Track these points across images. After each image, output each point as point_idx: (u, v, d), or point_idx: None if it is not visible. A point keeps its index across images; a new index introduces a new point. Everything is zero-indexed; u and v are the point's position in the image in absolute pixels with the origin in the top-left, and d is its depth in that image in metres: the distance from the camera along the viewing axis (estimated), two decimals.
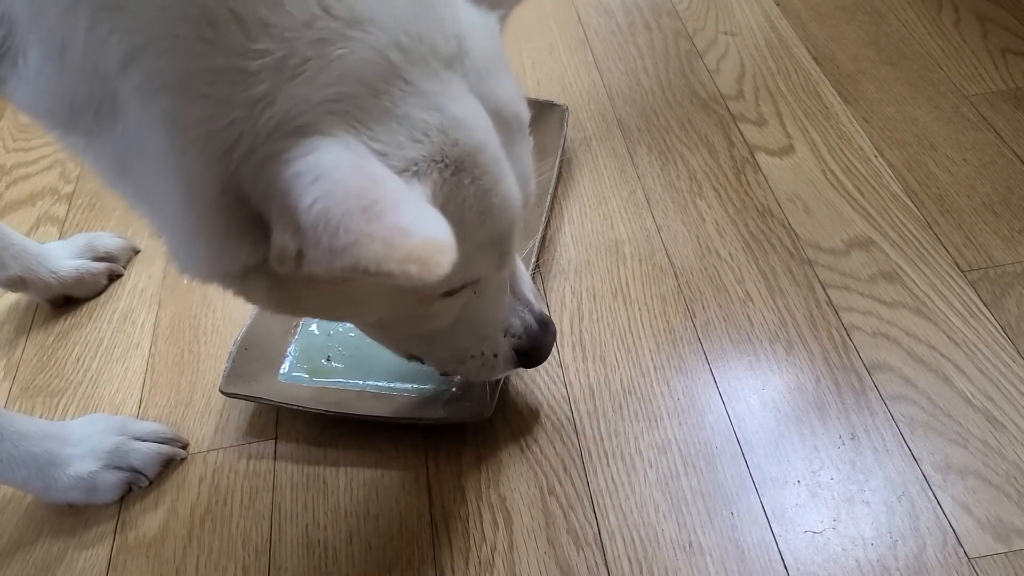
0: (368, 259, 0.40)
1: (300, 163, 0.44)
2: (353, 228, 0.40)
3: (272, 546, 0.76)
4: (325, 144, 0.45)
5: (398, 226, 0.41)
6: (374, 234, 0.40)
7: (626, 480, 0.77)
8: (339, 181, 0.43)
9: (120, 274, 1.02)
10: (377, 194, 0.42)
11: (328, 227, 0.41)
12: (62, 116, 0.49)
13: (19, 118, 1.29)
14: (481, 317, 0.69)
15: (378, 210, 0.41)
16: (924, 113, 1.09)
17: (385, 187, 0.44)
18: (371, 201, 0.42)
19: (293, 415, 0.85)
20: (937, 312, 0.86)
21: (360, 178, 0.43)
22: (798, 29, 1.25)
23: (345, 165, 0.44)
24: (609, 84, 1.20)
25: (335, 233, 0.41)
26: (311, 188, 0.42)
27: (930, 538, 0.70)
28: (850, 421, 0.79)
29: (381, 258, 0.40)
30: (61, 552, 0.77)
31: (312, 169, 0.43)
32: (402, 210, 0.42)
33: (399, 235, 0.40)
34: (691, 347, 0.87)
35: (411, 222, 0.41)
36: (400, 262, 0.40)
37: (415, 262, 0.40)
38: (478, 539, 0.74)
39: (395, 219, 0.41)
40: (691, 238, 0.97)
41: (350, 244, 0.40)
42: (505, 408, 0.83)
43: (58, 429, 0.80)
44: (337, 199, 0.42)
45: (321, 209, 0.41)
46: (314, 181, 0.43)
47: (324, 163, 0.44)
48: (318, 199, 0.42)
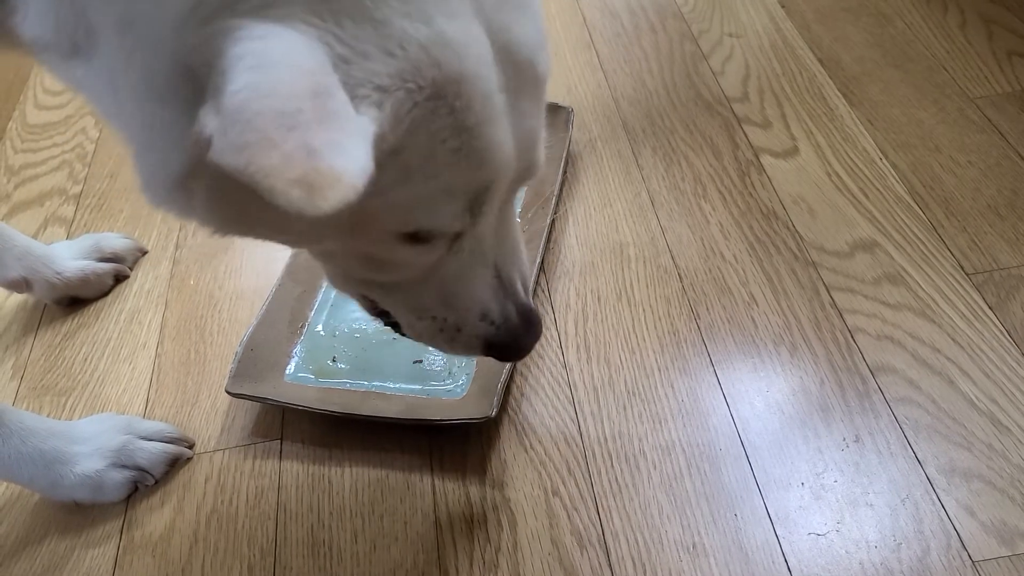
0: (258, 167, 0.36)
1: (247, 45, 0.40)
2: (260, 128, 0.37)
3: (277, 546, 0.76)
4: (282, 33, 0.41)
5: (307, 144, 0.37)
6: (277, 143, 0.37)
7: (630, 481, 0.77)
8: (274, 77, 0.39)
9: (127, 275, 1.03)
10: (305, 104, 0.38)
11: (239, 119, 0.37)
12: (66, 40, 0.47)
13: (27, 119, 1.30)
14: (453, 284, 0.60)
15: (297, 121, 0.37)
16: (929, 115, 1.09)
17: (319, 100, 0.39)
18: (295, 109, 0.38)
19: (299, 415, 0.85)
20: (942, 315, 0.86)
21: (297, 81, 0.39)
22: (803, 31, 1.25)
23: (289, 62, 0.40)
24: (614, 86, 1.21)
25: (243, 128, 0.37)
26: (244, 74, 0.38)
27: (934, 541, 0.70)
28: (854, 423, 0.79)
29: (272, 171, 0.36)
30: (68, 551, 0.78)
31: (255, 55, 0.39)
32: (324, 130, 0.38)
33: (302, 154, 0.37)
34: (695, 349, 0.87)
35: (324, 145, 0.38)
36: (288, 182, 0.36)
37: (302, 186, 0.36)
38: (482, 540, 0.74)
39: (307, 137, 0.37)
40: (695, 240, 0.98)
41: (250, 144, 0.37)
42: (509, 409, 0.84)
43: (65, 427, 0.81)
44: (261, 93, 0.38)
45: (243, 99, 0.38)
46: (251, 68, 0.39)
47: (270, 53, 0.40)
48: (244, 87, 0.38)
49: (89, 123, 1.27)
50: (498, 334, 0.62)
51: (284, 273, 0.94)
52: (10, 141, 1.26)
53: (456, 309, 0.61)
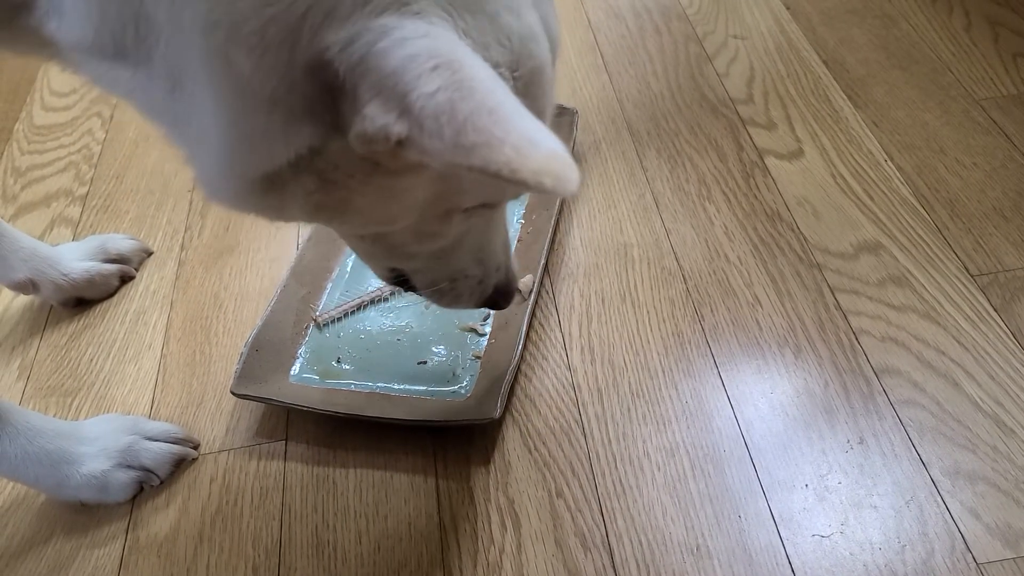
0: (500, 163, 0.39)
1: (414, 44, 0.41)
2: (483, 128, 0.39)
3: (282, 546, 0.77)
4: (437, 31, 0.43)
5: (525, 135, 0.40)
6: (504, 140, 0.39)
7: (634, 483, 0.77)
8: (463, 75, 0.41)
9: (132, 275, 1.03)
10: (499, 98, 0.41)
11: (453, 121, 0.39)
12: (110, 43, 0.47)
13: (34, 120, 1.30)
14: (486, 241, 0.68)
15: (504, 114, 0.40)
16: (934, 117, 1.08)
17: (501, 91, 0.42)
18: (496, 103, 0.40)
19: (303, 416, 0.85)
20: (946, 317, 0.86)
21: (479, 74, 0.41)
22: (808, 33, 1.25)
23: (465, 59, 0.42)
24: (619, 88, 1.21)
25: (461, 129, 0.39)
26: (432, 76, 0.40)
27: (938, 543, 0.70)
28: (858, 425, 0.79)
29: (514, 165, 0.39)
30: (73, 551, 0.78)
31: (430, 54, 0.41)
32: (523, 118, 0.41)
33: (529, 145, 0.39)
34: (699, 350, 0.87)
35: (535, 132, 0.40)
36: (534, 172, 0.39)
37: (549, 175, 0.39)
38: (486, 541, 0.75)
39: (521, 126, 0.40)
40: (700, 242, 0.98)
41: (479, 144, 0.39)
42: (513, 410, 0.84)
43: (71, 428, 0.81)
44: (464, 93, 0.40)
45: (446, 100, 0.40)
46: (435, 68, 0.40)
47: (442, 50, 0.41)
48: (442, 88, 0.40)
49: (95, 124, 1.28)
50: (500, 282, 0.71)
51: (289, 274, 0.94)
52: (17, 143, 1.27)
53: (485, 264, 0.69)
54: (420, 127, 0.40)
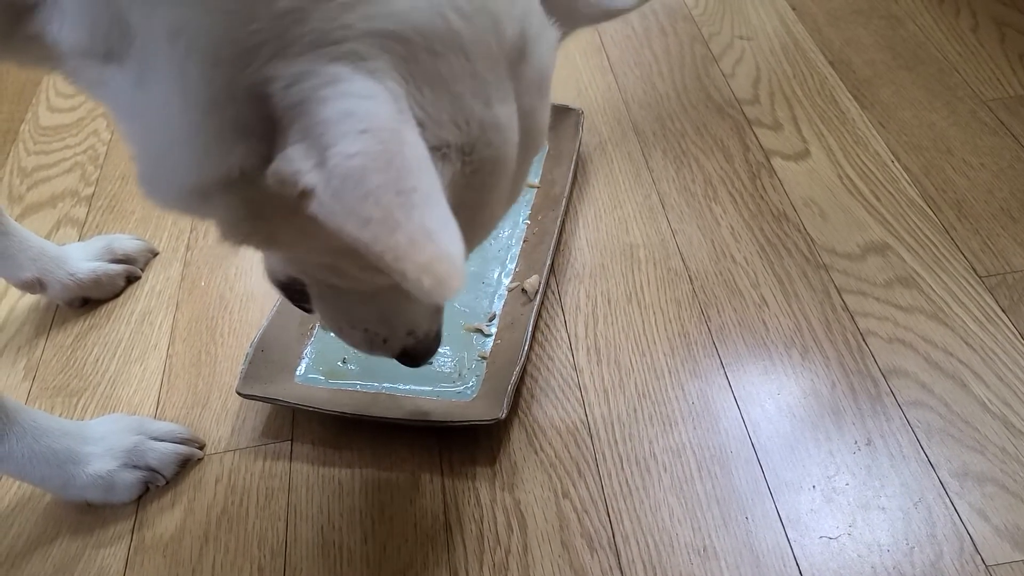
0: (388, 247, 0.39)
1: (354, 102, 0.41)
2: (385, 206, 0.39)
3: (288, 547, 0.76)
4: (383, 97, 0.42)
5: (425, 227, 0.39)
6: (401, 224, 0.39)
7: (640, 484, 0.77)
8: (387, 147, 0.40)
9: (138, 276, 1.03)
10: (416, 181, 0.41)
11: (359, 188, 0.39)
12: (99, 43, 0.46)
13: (40, 121, 1.31)
14: (397, 306, 0.65)
15: (413, 200, 0.40)
16: (941, 118, 1.08)
17: (425, 176, 0.42)
18: (410, 187, 0.40)
19: (309, 417, 0.85)
20: (954, 318, 0.86)
21: (408, 156, 0.41)
22: (814, 33, 1.24)
23: (401, 135, 0.42)
24: (624, 88, 1.21)
25: (363, 199, 0.39)
26: (358, 138, 0.40)
27: (947, 545, 0.70)
28: (866, 426, 0.78)
29: (400, 254, 0.39)
30: (79, 551, 0.78)
31: (364, 117, 0.41)
32: (432, 209, 0.40)
33: (423, 237, 0.39)
34: (706, 351, 0.87)
35: (437, 227, 0.40)
36: (417, 267, 0.39)
37: (430, 274, 0.39)
38: (492, 542, 0.74)
39: (424, 218, 0.40)
40: (706, 242, 0.97)
41: (375, 220, 0.39)
42: (519, 411, 0.83)
43: (78, 428, 0.81)
44: (380, 165, 0.40)
45: (359, 166, 0.39)
46: (363, 132, 0.40)
47: (378, 118, 0.41)
48: (361, 153, 0.40)
49: (101, 125, 1.28)
50: (416, 348, 0.69)
51: None
52: (23, 143, 1.27)
53: (391, 326, 0.66)
54: (327, 184, 0.40)
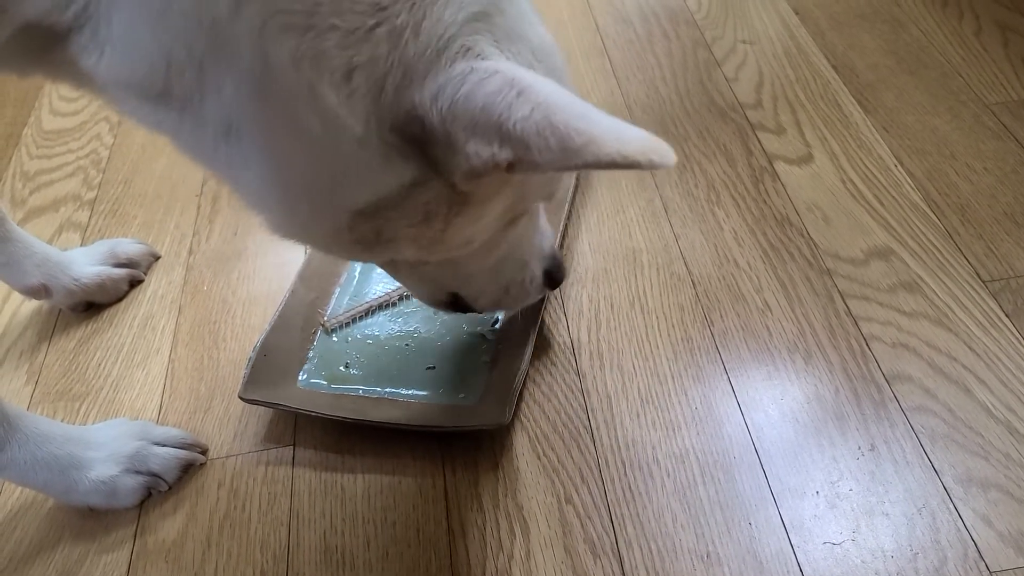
0: (610, 154, 0.43)
1: (491, 81, 0.46)
2: (583, 131, 0.44)
3: (290, 552, 0.76)
4: (503, 64, 0.48)
5: (613, 126, 0.44)
6: (604, 134, 0.44)
7: (643, 489, 0.77)
8: (544, 92, 0.45)
9: (141, 280, 1.03)
10: (579, 102, 0.45)
11: (556, 132, 0.44)
12: (157, 83, 0.48)
13: (43, 125, 1.31)
14: (527, 242, 0.73)
15: (592, 114, 0.44)
16: (944, 122, 1.08)
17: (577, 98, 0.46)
18: (582, 107, 0.45)
19: (311, 421, 0.85)
20: (958, 323, 0.86)
21: (556, 90, 0.46)
22: (817, 38, 1.24)
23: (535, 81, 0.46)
24: (627, 93, 1.21)
25: (565, 136, 0.44)
26: (520, 100, 0.45)
27: (951, 551, 0.70)
28: (869, 432, 0.78)
29: (624, 151, 0.43)
30: (81, 556, 0.78)
31: (510, 84, 0.46)
32: (602, 113, 0.45)
33: (622, 132, 0.44)
34: (709, 356, 0.87)
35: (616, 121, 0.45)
36: (641, 152, 0.43)
37: (653, 151, 0.43)
38: (495, 547, 0.74)
39: (606, 121, 0.44)
40: (709, 247, 0.97)
41: (587, 143, 0.43)
42: (522, 416, 0.83)
43: (80, 433, 0.81)
44: (555, 107, 0.44)
45: (542, 118, 0.44)
46: (520, 94, 0.45)
47: (517, 79, 0.46)
48: (535, 108, 0.44)
49: (104, 129, 1.28)
50: (550, 265, 0.76)
51: (297, 279, 0.94)
52: (25, 147, 1.27)
53: (529, 265, 0.74)
54: (526, 146, 0.45)
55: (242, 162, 0.51)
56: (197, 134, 0.50)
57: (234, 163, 0.51)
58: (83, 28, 0.47)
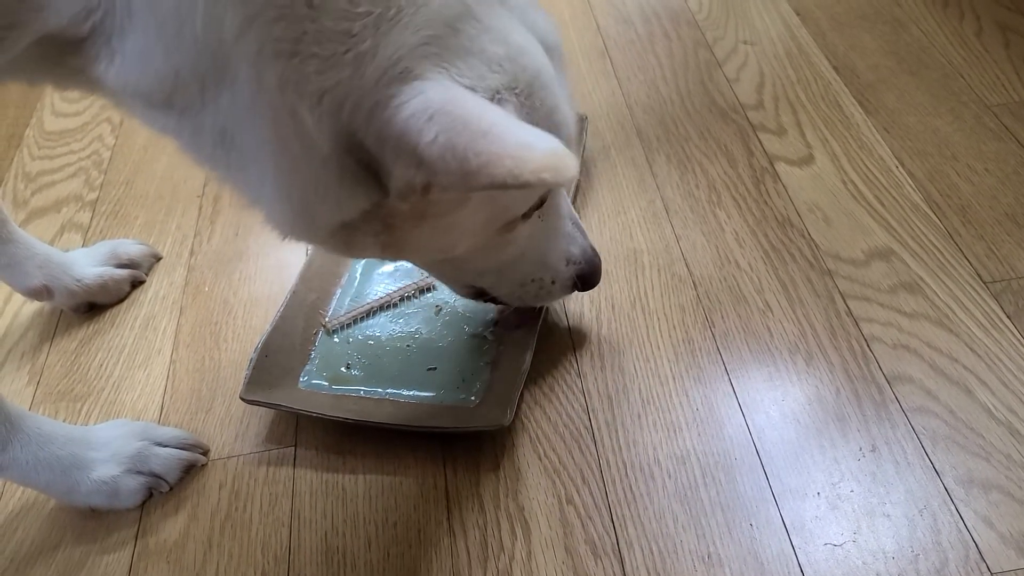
0: (504, 175, 0.45)
1: (411, 105, 0.48)
2: (482, 151, 0.45)
3: (291, 553, 0.76)
4: (428, 86, 0.50)
5: (519, 142, 0.46)
6: (502, 153, 0.45)
7: (644, 490, 0.77)
8: (453, 115, 0.48)
9: (142, 281, 1.03)
10: (488, 119, 0.47)
11: (455, 155, 0.46)
12: (162, 92, 0.51)
13: (45, 126, 1.31)
14: (545, 245, 0.75)
15: (496, 133, 0.46)
16: (945, 123, 1.08)
17: (491, 112, 0.49)
18: (488, 125, 0.47)
19: (312, 422, 0.85)
20: (959, 324, 0.86)
21: (468, 108, 0.48)
22: (818, 39, 1.24)
23: (451, 99, 0.49)
24: (628, 93, 1.21)
25: (464, 159, 0.46)
26: (430, 125, 0.47)
27: (952, 552, 0.70)
28: (870, 433, 0.78)
29: (516, 172, 0.45)
30: (83, 557, 0.78)
31: (425, 108, 0.48)
32: (515, 128, 0.47)
33: (524, 150, 0.45)
34: (710, 357, 0.87)
35: (527, 136, 0.46)
36: (534, 172, 0.45)
37: (547, 170, 0.45)
38: (496, 548, 0.74)
39: (513, 137, 0.46)
40: (710, 248, 0.97)
41: (483, 165, 0.45)
42: (523, 417, 0.83)
43: (82, 433, 0.81)
44: (457, 130, 0.47)
45: (445, 141, 0.47)
46: (430, 119, 0.47)
47: (433, 101, 0.48)
48: (439, 133, 0.47)
49: (105, 130, 1.28)
50: (583, 269, 0.78)
51: (298, 280, 0.94)
52: (27, 148, 1.27)
53: (551, 267, 0.76)
54: (433, 171, 0.47)
55: (238, 164, 0.54)
56: (196, 138, 0.54)
57: (231, 165, 0.55)
58: (97, 40, 0.50)
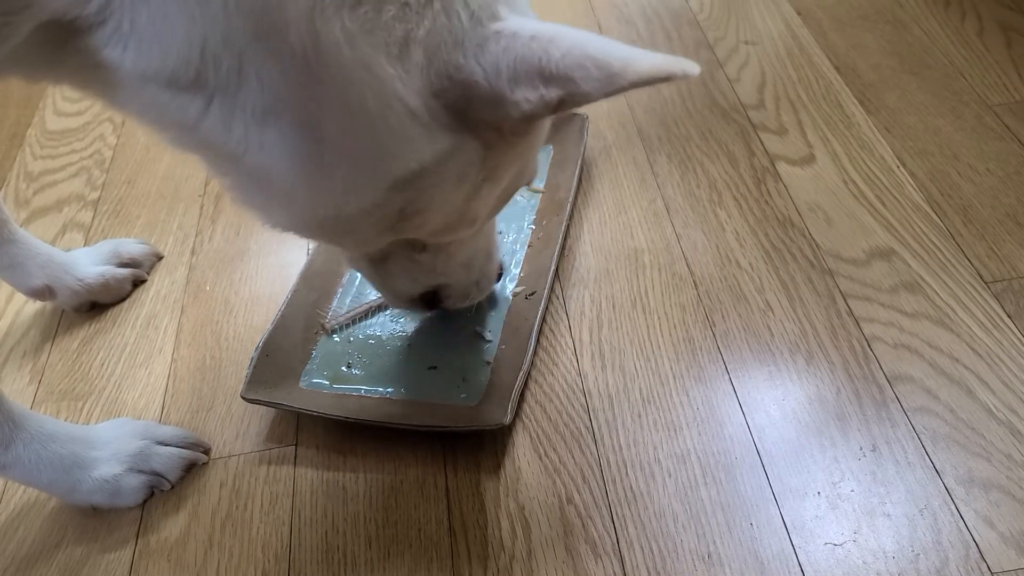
0: (649, 70, 0.47)
1: (520, 35, 0.50)
2: (615, 57, 0.48)
3: (292, 551, 0.76)
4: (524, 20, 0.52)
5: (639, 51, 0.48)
6: (630, 58, 0.48)
7: (645, 490, 0.77)
8: (563, 35, 0.50)
9: (144, 280, 1.04)
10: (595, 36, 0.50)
11: (595, 61, 0.48)
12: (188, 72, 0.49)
13: (47, 125, 1.31)
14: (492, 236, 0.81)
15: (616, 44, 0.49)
16: (947, 123, 1.08)
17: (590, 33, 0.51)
18: (601, 39, 0.49)
19: (313, 421, 0.85)
20: (960, 323, 0.86)
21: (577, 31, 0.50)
22: (819, 38, 1.24)
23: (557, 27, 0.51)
24: (629, 93, 1.20)
25: (606, 64, 0.48)
26: (555, 44, 0.49)
27: (952, 552, 0.70)
28: (871, 433, 0.78)
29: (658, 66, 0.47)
30: (84, 555, 0.78)
31: (541, 33, 0.50)
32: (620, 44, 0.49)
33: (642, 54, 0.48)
34: (711, 357, 0.87)
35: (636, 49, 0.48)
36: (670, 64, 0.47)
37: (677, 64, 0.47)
38: (496, 547, 0.74)
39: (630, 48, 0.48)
40: (711, 247, 0.97)
41: (626, 65, 0.47)
42: (523, 416, 0.83)
43: (84, 432, 0.81)
44: (581, 43, 0.49)
45: (580, 53, 0.48)
46: (551, 40, 0.49)
47: (543, 28, 0.51)
48: (569, 48, 0.49)
49: (107, 130, 1.29)
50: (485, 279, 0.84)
51: (299, 279, 0.94)
52: (29, 147, 1.27)
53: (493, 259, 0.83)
54: (571, 80, 0.49)
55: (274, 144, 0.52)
56: (225, 119, 0.51)
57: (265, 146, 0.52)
58: (106, 22, 0.47)
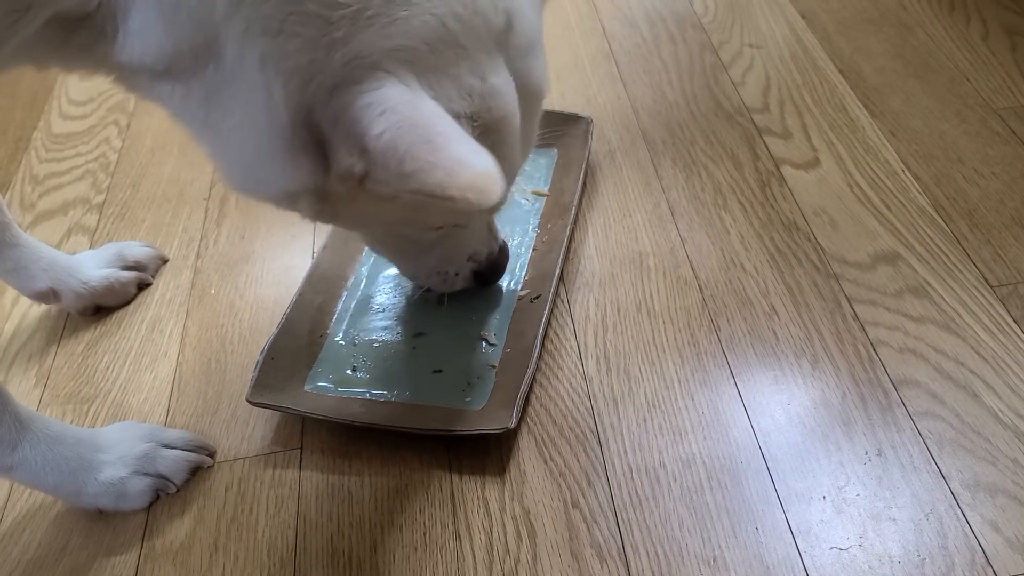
0: (432, 185, 0.47)
1: (370, 96, 0.51)
2: (419, 157, 0.48)
3: (297, 555, 0.76)
4: (391, 82, 0.52)
5: (456, 158, 0.48)
6: (436, 163, 0.47)
7: (650, 494, 0.77)
8: (404, 115, 0.50)
9: (149, 283, 1.04)
10: (436, 129, 0.49)
11: (395, 155, 0.48)
12: (163, 64, 0.54)
13: (52, 128, 1.31)
14: (451, 248, 0.84)
15: (439, 143, 0.48)
16: (952, 127, 1.08)
17: (442, 123, 0.50)
18: (433, 134, 0.49)
19: (318, 425, 0.85)
20: (965, 328, 0.86)
21: (422, 113, 0.50)
22: (824, 42, 1.24)
23: (409, 101, 0.51)
24: (634, 97, 1.21)
25: (402, 161, 0.48)
26: (380, 119, 0.49)
27: (958, 557, 0.70)
28: (876, 437, 0.78)
29: (444, 184, 0.47)
30: (89, 559, 0.78)
31: (380, 102, 0.50)
32: (458, 143, 0.49)
33: (458, 165, 0.47)
34: (716, 361, 0.86)
35: (467, 154, 0.48)
36: (460, 189, 0.47)
37: (472, 190, 0.47)
38: (501, 551, 0.74)
39: (453, 151, 0.48)
40: (716, 251, 0.97)
41: (416, 171, 0.48)
42: (528, 420, 0.83)
43: (90, 435, 0.81)
44: (404, 131, 0.49)
45: (389, 139, 0.49)
46: (382, 113, 0.50)
47: (391, 98, 0.51)
48: (386, 130, 0.49)
49: (112, 133, 1.29)
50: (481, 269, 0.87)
51: (304, 282, 0.94)
52: (35, 151, 1.28)
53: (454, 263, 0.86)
54: (374, 163, 0.49)
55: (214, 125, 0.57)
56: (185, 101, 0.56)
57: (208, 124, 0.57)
58: (104, 19, 0.53)
